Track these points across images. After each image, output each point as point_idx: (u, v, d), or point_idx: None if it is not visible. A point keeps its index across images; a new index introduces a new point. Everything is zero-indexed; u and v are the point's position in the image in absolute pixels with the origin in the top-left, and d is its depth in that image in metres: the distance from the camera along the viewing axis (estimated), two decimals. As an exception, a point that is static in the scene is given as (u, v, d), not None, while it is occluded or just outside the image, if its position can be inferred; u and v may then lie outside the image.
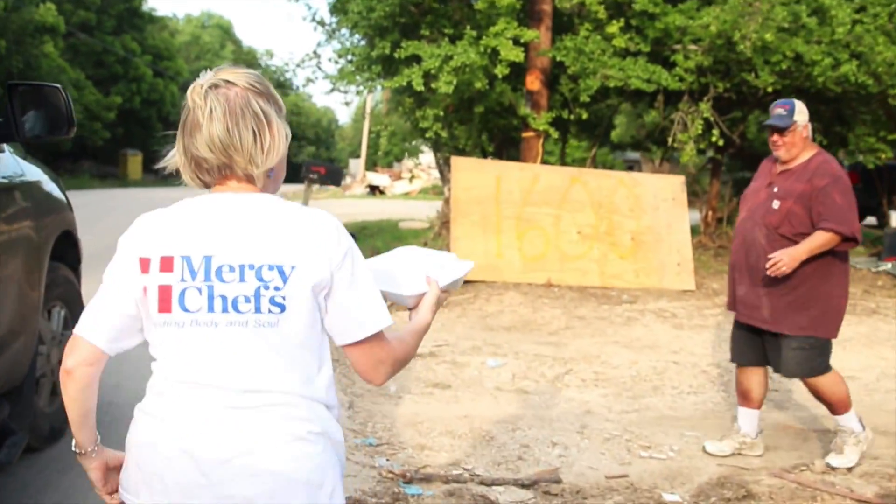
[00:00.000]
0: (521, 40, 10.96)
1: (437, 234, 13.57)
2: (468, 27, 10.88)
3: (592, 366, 7.72)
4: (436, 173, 24.04)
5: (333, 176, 13.67)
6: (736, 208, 15.44)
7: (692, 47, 11.43)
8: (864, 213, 19.20)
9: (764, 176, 5.23)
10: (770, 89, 11.14)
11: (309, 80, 13.16)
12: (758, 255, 5.02)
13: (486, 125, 13.27)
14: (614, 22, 11.19)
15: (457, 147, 12.97)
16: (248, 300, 1.89)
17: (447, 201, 14.45)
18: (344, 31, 13.88)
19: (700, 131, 11.55)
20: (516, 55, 10.67)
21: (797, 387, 6.59)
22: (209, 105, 1.92)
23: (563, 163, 14.59)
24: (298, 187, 15.57)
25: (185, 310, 1.91)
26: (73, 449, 2.10)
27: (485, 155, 13.45)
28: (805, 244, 4.81)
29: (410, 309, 2.30)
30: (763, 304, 5.08)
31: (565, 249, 11.35)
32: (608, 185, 11.78)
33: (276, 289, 1.89)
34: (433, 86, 10.88)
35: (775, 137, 5.02)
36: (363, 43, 12.82)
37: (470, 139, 12.76)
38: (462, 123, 12.82)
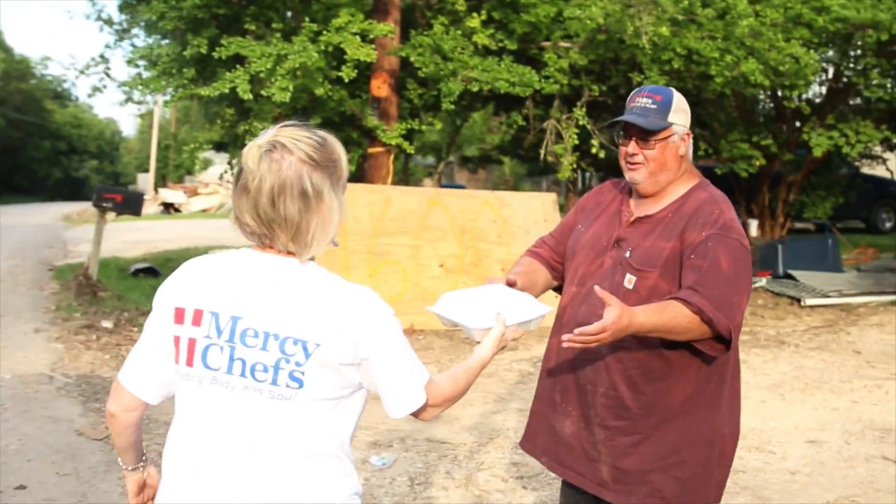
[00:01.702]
0: (370, 36, 9.26)
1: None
2: (306, 20, 9.06)
3: (505, 453, 6.13)
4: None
5: (131, 204, 11.56)
6: None
7: (564, 44, 10.06)
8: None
9: (607, 217, 3.22)
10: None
11: (96, 90, 10.96)
12: (594, 377, 3.07)
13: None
14: (475, 15, 9.69)
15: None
16: (266, 370, 1.96)
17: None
18: (137, 30, 11.75)
19: (576, 141, 10.20)
20: (366, 54, 8.99)
21: None
22: (260, 173, 1.93)
23: (408, 182, 12.90)
24: (82, 206, 13.17)
25: (207, 366, 2.00)
26: (118, 463, 2.32)
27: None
28: (651, 311, 2.77)
29: (477, 343, 2.43)
30: (601, 455, 3.09)
31: (427, 286, 9.74)
32: (471, 207, 10.27)
33: (298, 364, 1.96)
34: (263, 92, 9.02)
35: (632, 148, 3.03)
36: (167, 42, 10.68)
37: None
38: (292, 139, 10.93)
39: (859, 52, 11.49)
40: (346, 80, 9.34)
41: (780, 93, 13.69)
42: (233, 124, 11.05)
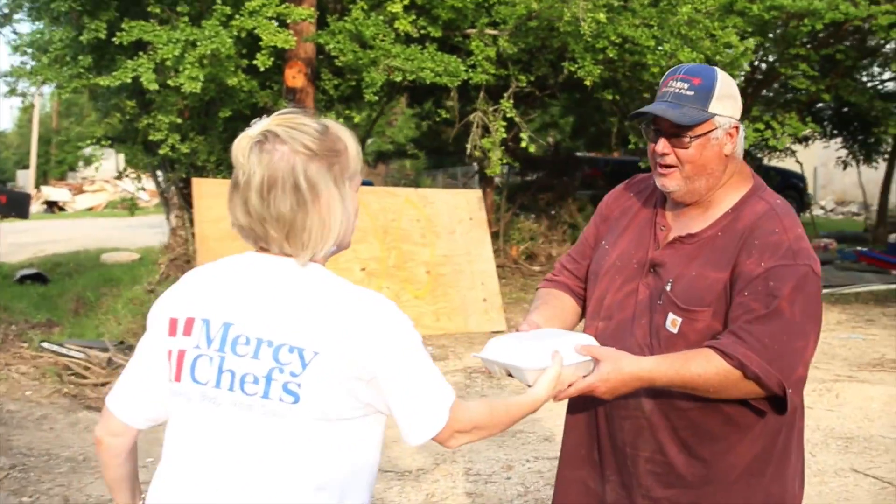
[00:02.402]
0: (289, 21, 8.54)
1: (165, 277, 10.85)
2: (217, 2, 8.28)
3: (456, 482, 5.59)
4: (124, 184, 20.71)
5: (18, 205, 10.64)
6: (543, 235, 13.93)
7: (491, 32, 9.53)
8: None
9: (636, 230, 2.61)
10: (589, 82, 9.46)
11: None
12: (635, 438, 2.48)
13: (233, 135, 10.68)
14: (396, 0, 9.03)
15: (194, 165, 10.26)
16: (256, 381, 1.76)
17: (174, 232, 11.76)
18: (21, 14, 10.75)
19: (504, 135, 9.69)
20: (284, 40, 8.30)
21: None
22: (249, 167, 1.77)
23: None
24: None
25: (195, 381, 1.80)
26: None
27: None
28: (669, 362, 2.27)
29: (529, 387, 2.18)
30: None
31: (349, 292, 9.08)
32: (394, 205, 9.68)
33: (293, 374, 1.74)
34: (170, 82, 8.24)
35: (661, 147, 2.41)
36: (55, 28, 9.72)
37: (212, 154, 10.10)
38: (201, 133, 10.11)
39: (787, 41, 11.27)
40: (262, 69, 8.61)
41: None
42: (133, 117, 10.17)
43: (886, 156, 18.42)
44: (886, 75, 17.02)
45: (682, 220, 2.49)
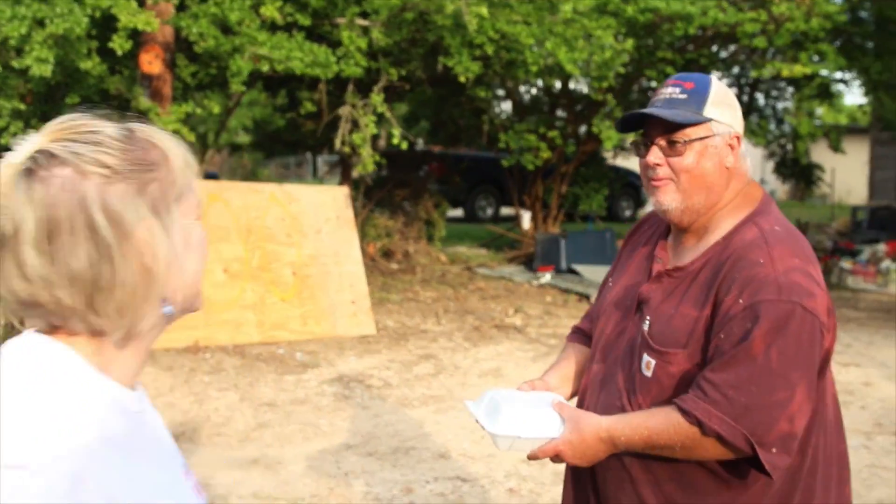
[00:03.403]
0: (148, 1, 7.85)
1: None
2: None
3: (355, 509, 5.18)
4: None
5: None
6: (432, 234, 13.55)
7: (361, 22, 9.10)
8: (452, 204, 18.37)
9: (638, 262, 2.40)
10: (464, 78, 9.17)
11: None
12: (616, 491, 2.23)
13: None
14: (264, -16, 8.50)
15: (35, 155, 9.37)
16: None
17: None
18: None
19: (375, 131, 9.28)
20: (146, 22, 7.62)
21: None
22: (17, 209, 1.13)
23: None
24: None
25: None
26: None
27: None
28: (633, 423, 2.09)
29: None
30: None
31: (210, 295, 8.50)
32: (257, 202, 9.13)
33: None
34: (15, 64, 7.43)
35: (653, 157, 2.17)
36: None
37: (58, 143, 9.25)
38: (43, 121, 9.24)
39: (653, 43, 11.34)
40: (119, 54, 7.89)
41: (571, 84, 13.52)
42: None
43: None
44: (725, 80, 17.62)
45: (678, 251, 2.26)
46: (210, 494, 5.31)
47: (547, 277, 12.66)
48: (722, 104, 2.16)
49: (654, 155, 2.16)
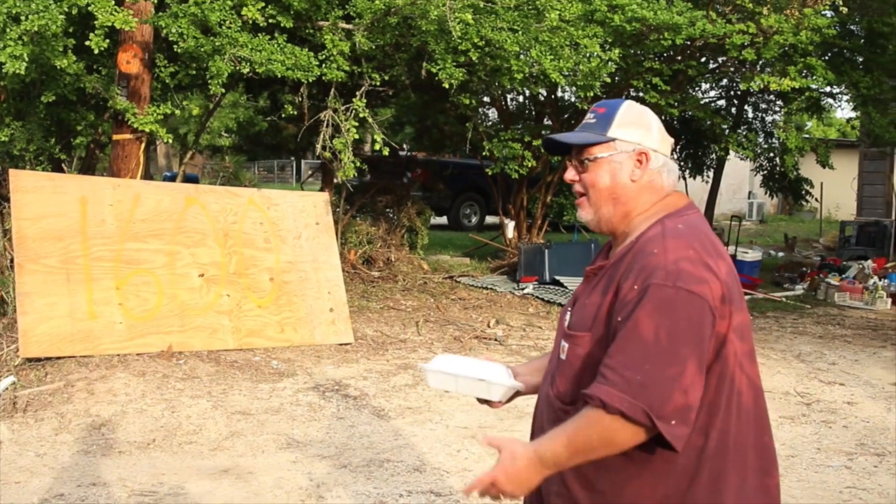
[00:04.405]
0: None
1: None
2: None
3: (326, 522, 5.11)
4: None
5: None
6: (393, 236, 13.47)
7: (344, 25, 9.06)
8: (437, 212, 18.32)
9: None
10: (447, 84, 9.13)
11: None
12: None
13: (55, 122, 9.71)
14: (245, -16, 8.44)
15: (9, 154, 9.28)
16: None
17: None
18: None
19: (357, 135, 9.24)
20: (123, 20, 7.56)
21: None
22: None
23: (149, 176, 11.31)
24: None
25: None
26: None
27: (57, 167, 9.91)
28: (557, 433, 2.26)
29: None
30: None
31: (185, 300, 8.45)
32: (235, 207, 9.08)
33: None
34: (-14, 62, 7.34)
35: (569, 174, 2.51)
36: None
37: (31, 143, 9.15)
38: (17, 119, 9.15)
39: (640, 53, 11.31)
40: (96, 52, 7.81)
41: (558, 92, 13.50)
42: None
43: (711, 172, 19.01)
44: (713, 92, 17.67)
45: (610, 256, 2.50)
46: (178, 505, 5.25)
47: (530, 288, 12.63)
48: (629, 124, 2.44)
49: (569, 173, 2.50)
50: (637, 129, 2.44)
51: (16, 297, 7.75)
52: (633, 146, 2.42)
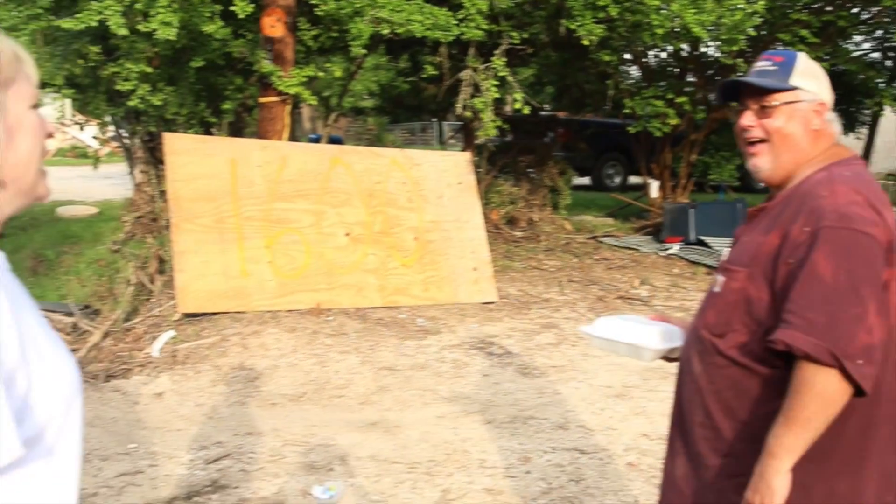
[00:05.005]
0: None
1: (130, 236, 10.26)
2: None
3: (471, 475, 5.16)
4: (74, 131, 19.87)
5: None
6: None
7: (481, -18, 9.02)
8: (578, 172, 18.06)
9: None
10: (587, 42, 8.99)
11: None
12: (690, 403, 2.51)
13: (205, 87, 10.02)
14: (385, -55, 8.48)
15: (163, 118, 9.63)
16: None
17: (140, 188, 11.16)
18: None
19: (497, 95, 9.20)
20: (271, -17, 7.71)
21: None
22: None
23: (294, 138, 11.59)
24: None
25: None
26: None
27: (207, 130, 10.24)
28: (782, 429, 2.20)
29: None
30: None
31: (332, 258, 8.63)
32: (379, 167, 9.19)
33: None
34: (141, 27, 7.62)
35: (747, 119, 2.45)
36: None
37: (183, 107, 9.47)
38: (170, 84, 9.47)
39: (787, 4, 10.87)
40: (242, 17, 8.01)
41: (701, 48, 13.13)
42: (97, 65, 9.48)
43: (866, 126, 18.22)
44: (866, 45, 16.81)
45: (769, 196, 2.55)
46: (329, 455, 5.40)
47: (675, 249, 12.40)
48: (808, 75, 2.46)
49: (747, 118, 2.45)
50: (814, 79, 2.47)
51: (173, 255, 8.06)
52: (812, 96, 2.44)
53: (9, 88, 1.46)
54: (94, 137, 12.41)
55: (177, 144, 8.36)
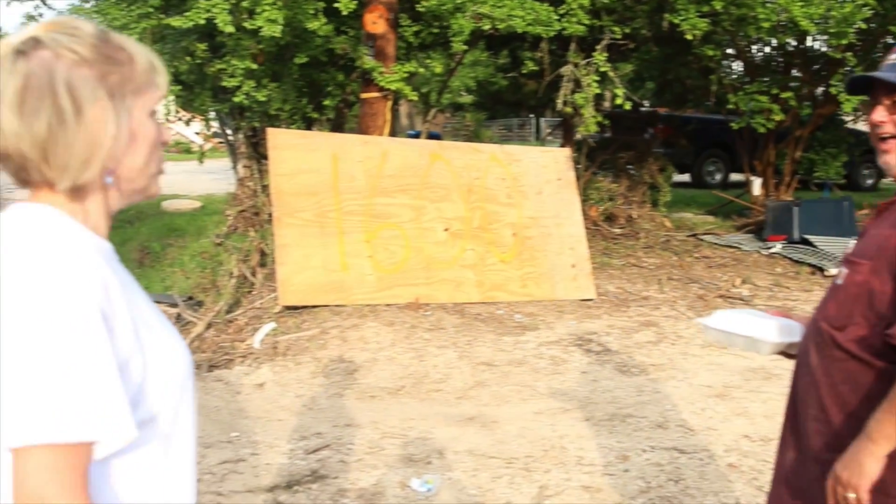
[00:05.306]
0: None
1: (233, 229, 10.47)
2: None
3: (569, 472, 5.14)
4: (178, 127, 20.37)
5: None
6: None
7: (584, -21, 8.96)
8: (679, 169, 17.75)
9: None
10: (691, 36, 8.85)
11: (31, 18, 9.68)
12: (805, 395, 2.46)
13: (308, 83, 10.18)
14: (483, -63, 8.48)
15: (266, 113, 9.81)
16: None
17: (242, 182, 11.39)
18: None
19: (598, 90, 9.13)
20: (376, -20, 7.79)
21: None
22: (4, 80, 1.45)
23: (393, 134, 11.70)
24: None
25: None
26: None
27: (309, 125, 10.40)
28: (885, 415, 2.15)
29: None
30: (817, 499, 2.36)
31: (431, 253, 8.67)
32: (478, 162, 9.21)
33: None
34: (246, 25, 7.77)
35: (879, 115, 2.35)
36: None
37: (287, 103, 9.63)
38: (274, 80, 9.64)
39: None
40: (344, 14, 8.11)
41: (808, 42, 12.83)
42: (204, 62, 9.70)
43: None
44: None
45: None
46: (427, 448, 5.44)
47: (777, 247, 12.14)
48: None
49: (879, 113, 2.33)
50: None
51: (275, 248, 8.20)
52: None
53: (139, 96, 1.54)
54: (197, 133, 12.72)
55: (280, 139, 8.50)
